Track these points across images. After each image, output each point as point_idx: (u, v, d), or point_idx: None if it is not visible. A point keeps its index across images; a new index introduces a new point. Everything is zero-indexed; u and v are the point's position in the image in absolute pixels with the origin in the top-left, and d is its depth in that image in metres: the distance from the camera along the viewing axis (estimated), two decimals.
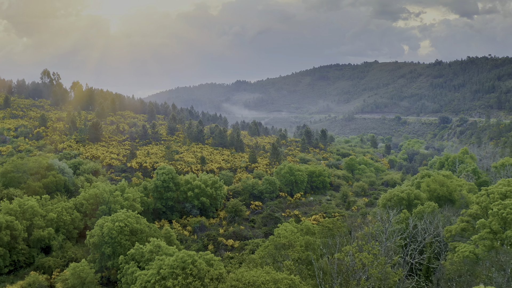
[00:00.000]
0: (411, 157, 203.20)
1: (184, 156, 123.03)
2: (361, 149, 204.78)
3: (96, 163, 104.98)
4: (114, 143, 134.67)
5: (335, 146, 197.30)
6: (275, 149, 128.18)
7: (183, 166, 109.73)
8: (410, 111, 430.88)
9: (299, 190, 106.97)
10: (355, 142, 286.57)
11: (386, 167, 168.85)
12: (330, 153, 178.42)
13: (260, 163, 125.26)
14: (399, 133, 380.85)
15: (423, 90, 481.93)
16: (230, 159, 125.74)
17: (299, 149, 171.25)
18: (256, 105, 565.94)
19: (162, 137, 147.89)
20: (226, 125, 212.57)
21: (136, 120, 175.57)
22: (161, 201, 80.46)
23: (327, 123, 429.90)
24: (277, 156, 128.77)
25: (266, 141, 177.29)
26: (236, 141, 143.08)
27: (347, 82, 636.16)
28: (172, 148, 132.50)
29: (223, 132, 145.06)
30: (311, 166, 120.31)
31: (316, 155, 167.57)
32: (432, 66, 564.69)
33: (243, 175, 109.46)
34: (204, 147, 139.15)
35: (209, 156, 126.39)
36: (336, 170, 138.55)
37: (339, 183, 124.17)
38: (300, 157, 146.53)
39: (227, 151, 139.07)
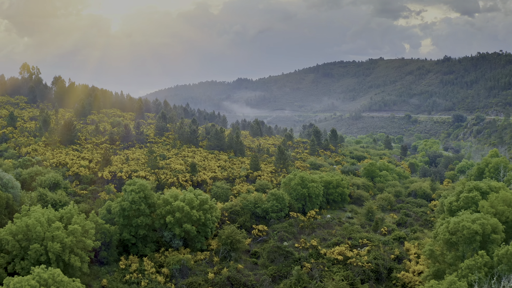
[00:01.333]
0: (433, 160, 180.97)
1: (171, 162, 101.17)
2: (376, 151, 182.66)
3: (57, 173, 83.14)
4: (89, 146, 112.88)
5: (346, 148, 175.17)
6: (281, 153, 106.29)
7: (167, 176, 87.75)
8: (420, 109, 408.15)
9: (313, 206, 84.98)
10: (365, 141, 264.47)
11: (408, 173, 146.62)
12: (343, 156, 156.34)
13: (264, 170, 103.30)
14: (409, 132, 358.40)
15: (433, 87, 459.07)
16: (228, 166, 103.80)
17: (307, 151, 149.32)
18: (258, 103, 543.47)
19: (149, 139, 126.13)
20: (225, 124, 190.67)
21: (122, 119, 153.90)
22: (129, 229, 58.65)
23: (333, 122, 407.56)
24: (284, 162, 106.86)
25: (270, 143, 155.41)
26: (235, 143, 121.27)
27: (352, 80, 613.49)
28: (157, 152, 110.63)
29: (220, 133, 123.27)
30: (326, 174, 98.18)
31: (328, 159, 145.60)
32: (441, 63, 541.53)
33: (243, 187, 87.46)
34: (198, 151, 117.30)
35: (202, 162, 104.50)
36: (354, 178, 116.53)
37: (360, 194, 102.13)
38: (310, 161, 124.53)
39: (224, 155, 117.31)
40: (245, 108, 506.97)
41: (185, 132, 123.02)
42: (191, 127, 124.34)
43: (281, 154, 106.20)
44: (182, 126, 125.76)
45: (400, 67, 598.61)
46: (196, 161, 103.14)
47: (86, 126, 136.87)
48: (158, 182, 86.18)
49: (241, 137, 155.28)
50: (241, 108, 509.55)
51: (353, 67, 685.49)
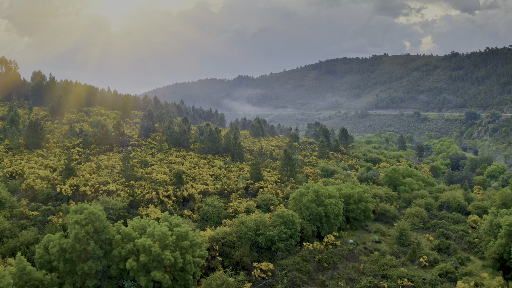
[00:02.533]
0: (455, 163, 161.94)
1: (154, 170, 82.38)
2: (391, 152, 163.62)
3: (2, 188, 64.42)
4: (57, 151, 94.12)
5: (358, 149, 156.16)
6: (288, 158, 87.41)
7: (144, 191, 68.94)
8: (429, 106, 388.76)
9: (331, 228, 66.18)
10: (375, 141, 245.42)
11: (432, 179, 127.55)
12: (356, 158, 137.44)
13: (267, 179, 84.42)
14: (419, 130, 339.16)
15: (441, 84, 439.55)
16: (223, 175, 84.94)
17: (316, 154, 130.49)
18: (259, 101, 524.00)
19: (132, 141, 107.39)
20: (222, 123, 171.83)
21: (104, 118, 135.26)
22: (73, 278, 40.01)
23: (338, 120, 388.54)
24: (291, 168, 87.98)
25: (273, 144, 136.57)
26: (233, 146, 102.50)
27: (356, 76, 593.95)
28: (138, 157, 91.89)
29: (215, 133, 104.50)
30: (345, 185, 79.22)
31: (340, 162, 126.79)
32: (448, 58, 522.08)
33: (241, 203, 68.61)
34: (188, 155, 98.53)
35: (191, 170, 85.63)
36: (374, 187, 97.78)
37: (384, 209, 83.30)
38: (322, 167, 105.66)
39: (220, 160, 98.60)
40: (245, 106, 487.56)
41: (174, 133, 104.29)
42: (181, 127, 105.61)
43: (288, 160, 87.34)
44: (171, 125, 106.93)
45: (406, 63, 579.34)
46: (184, 169, 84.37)
47: (61, 127, 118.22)
48: (132, 198, 67.52)
49: (240, 138, 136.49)
50: (242, 106, 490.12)
51: (356, 63, 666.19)
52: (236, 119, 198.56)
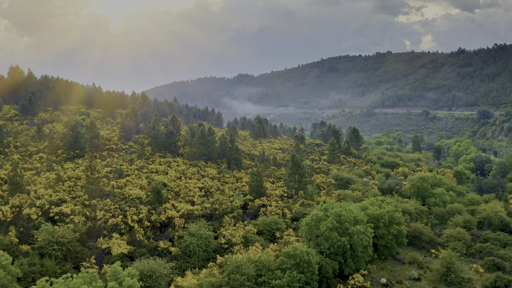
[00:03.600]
0: (479, 167, 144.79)
1: (129, 183, 65.46)
2: (407, 155, 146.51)
3: None
4: (15, 158, 77.21)
5: (371, 151, 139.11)
6: (296, 166, 70.41)
7: (108, 214, 51.92)
8: (438, 104, 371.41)
9: (358, 264, 49.18)
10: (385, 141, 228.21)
11: (462, 188, 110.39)
12: (371, 163, 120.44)
13: (271, 194, 67.38)
14: (429, 130, 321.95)
15: (449, 81, 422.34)
16: (215, 188, 67.92)
17: (325, 158, 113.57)
18: (259, 99, 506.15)
19: (109, 145, 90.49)
20: (220, 123, 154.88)
21: (84, 118, 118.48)
22: None
23: (342, 119, 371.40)
24: (300, 179, 70.96)
25: (277, 147, 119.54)
26: (230, 150, 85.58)
27: (359, 74, 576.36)
28: (114, 165, 75.01)
29: (208, 135, 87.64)
30: (369, 202, 62.12)
31: (353, 168, 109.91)
32: (455, 55, 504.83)
33: (236, 231, 51.43)
34: (175, 162, 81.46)
35: (175, 182, 68.60)
36: (400, 200, 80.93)
37: (417, 230, 66.37)
38: (335, 175, 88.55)
39: (213, 167, 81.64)
40: (246, 105, 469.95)
41: (159, 135, 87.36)
42: (167, 128, 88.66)
43: (296, 168, 70.34)
44: (157, 126, 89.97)
45: (411, 61, 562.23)
46: (167, 181, 67.46)
47: (30, 128, 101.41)
48: (91, 223, 50.65)
49: (239, 140, 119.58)
50: (242, 104, 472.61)
51: (359, 61, 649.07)
52: (235, 119, 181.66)
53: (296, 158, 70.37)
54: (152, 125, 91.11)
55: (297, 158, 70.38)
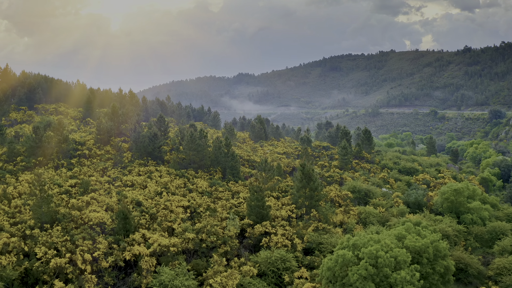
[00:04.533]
0: (505, 173, 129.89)
1: (96, 200, 50.90)
2: (425, 159, 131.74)
3: None
4: None
5: (385, 155, 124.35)
6: (307, 179, 55.74)
7: (51, 252, 37.21)
8: (446, 104, 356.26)
9: None
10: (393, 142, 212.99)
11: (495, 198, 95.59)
12: (387, 169, 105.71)
13: (276, 216, 52.63)
14: (438, 131, 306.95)
15: (457, 80, 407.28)
16: (205, 206, 53.23)
17: (336, 163, 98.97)
18: (260, 99, 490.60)
19: (83, 149, 75.88)
20: (216, 123, 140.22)
21: (60, 118, 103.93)
22: None
23: (347, 120, 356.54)
24: (312, 194, 56.25)
25: (280, 150, 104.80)
26: (225, 156, 70.98)
27: (363, 73, 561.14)
28: (81, 177, 60.45)
29: (199, 138, 73.20)
30: (403, 229, 47.42)
31: (368, 175, 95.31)
32: (462, 53, 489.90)
33: (230, 279, 36.56)
34: (157, 171, 66.80)
35: (153, 200, 53.96)
36: (432, 218, 66.48)
37: (463, 261, 52.04)
38: (352, 187, 73.88)
39: (204, 178, 66.97)
40: (246, 104, 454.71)
41: (140, 138, 72.81)
42: (150, 131, 74.06)
43: (307, 180, 55.72)
44: (138, 128, 75.42)
45: (415, 59, 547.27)
46: (144, 198, 52.83)
47: None
48: (28, 264, 36.08)
49: (237, 142, 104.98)
50: (241, 104, 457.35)
51: (362, 60, 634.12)
52: (233, 119, 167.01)
53: (307, 168, 55.73)
54: (133, 126, 76.55)
55: (308, 168, 55.73)
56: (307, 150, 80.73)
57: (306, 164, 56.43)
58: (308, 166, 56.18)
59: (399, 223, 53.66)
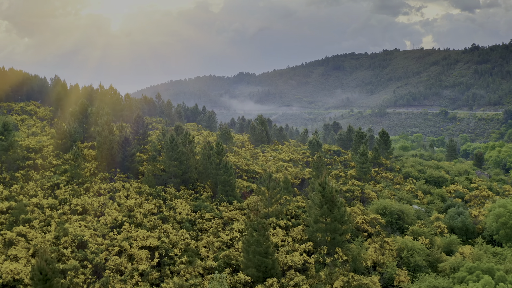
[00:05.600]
0: None
1: (26, 235, 34.27)
2: (451, 164, 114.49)
3: None
4: None
5: (406, 162, 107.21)
6: (330, 204, 38.96)
7: None
8: (457, 103, 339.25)
9: None
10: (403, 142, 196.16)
11: None
12: (412, 179, 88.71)
13: (286, 264, 35.77)
14: (449, 132, 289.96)
15: (467, 78, 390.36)
16: (180, 247, 36.52)
17: (352, 172, 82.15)
18: (261, 98, 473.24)
19: (36, 158, 59.24)
20: (212, 124, 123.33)
21: (24, 118, 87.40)
22: None
23: (352, 120, 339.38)
24: (335, 225, 39.48)
25: (285, 157, 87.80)
26: (215, 169, 54.20)
27: (367, 72, 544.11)
28: (20, 197, 43.78)
29: (186, 144, 56.66)
30: (486, 267, 30.83)
31: (392, 187, 78.45)
32: (469, 52, 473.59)
33: None
34: (124, 190, 50.16)
35: (105, 238, 37.38)
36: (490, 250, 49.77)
37: None
38: (382, 207, 57.07)
39: (185, 200, 50.17)
40: (246, 104, 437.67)
41: (107, 144, 56.25)
42: (121, 136, 57.51)
43: (330, 207, 39.00)
44: (102, 132, 58.79)
45: (421, 58, 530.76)
46: (93, 234, 36.08)
47: None
48: None
49: (235, 147, 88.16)
50: (241, 104, 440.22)
51: (366, 59, 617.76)
52: (232, 119, 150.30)
53: (328, 190, 38.98)
54: (101, 128, 59.95)
55: (330, 190, 38.99)
56: (322, 159, 63.84)
57: (327, 183, 39.66)
58: (330, 186, 39.44)
59: (463, 270, 37.01)
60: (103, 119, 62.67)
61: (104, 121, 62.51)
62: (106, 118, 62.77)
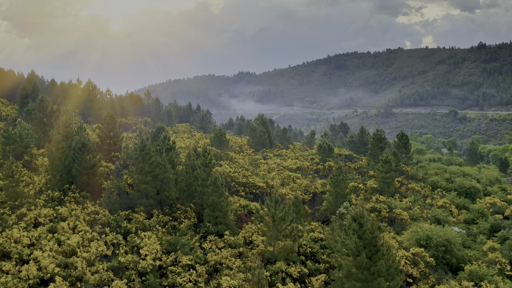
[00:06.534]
0: None
1: None
2: (479, 172, 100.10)
3: None
4: None
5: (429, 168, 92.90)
6: (371, 248, 24.90)
7: None
8: (466, 103, 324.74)
9: None
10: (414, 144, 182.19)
11: None
12: (440, 190, 74.50)
13: None
14: (459, 133, 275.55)
15: (475, 77, 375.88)
16: None
17: (372, 183, 68.05)
18: (261, 98, 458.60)
19: None
20: (206, 125, 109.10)
21: None
22: None
23: (357, 120, 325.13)
24: (377, 280, 25.49)
25: (291, 164, 73.50)
26: (201, 186, 40.26)
27: (370, 71, 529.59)
28: None
29: (167, 151, 42.84)
30: None
31: (425, 204, 64.43)
32: (476, 50, 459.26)
33: None
34: (71, 218, 36.35)
35: None
36: None
37: None
38: (423, 237, 43.15)
39: (156, 235, 36.16)
40: (246, 104, 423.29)
41: (59, 151, 42.39)
42: (81, 139, 43.64)
43: (369, 253, 25.00)
44: (62, 133, 44.87)
45: (426, 56, 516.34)
46: None
47: None
48: None
49: (231, 153, 74.04)
50: (241, 103, 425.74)
51: (369, 58, 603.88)
52: (230, 119, 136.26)
53: (367, 228, 25.07)
54: (56, 130, 46.03)
55: (370, 229, 25.06)
56: (342, 170, 49.58)
57: (365, 217, 25.66)
58: (370, 221, 25.43)
59: None
60: (59, 119, 48.66)
61: (61, 122, 48.49)
62: (64, 118, 48.70)
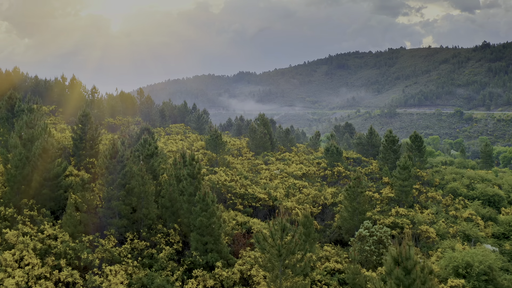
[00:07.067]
0: None
1: None
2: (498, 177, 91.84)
3: None
4: None
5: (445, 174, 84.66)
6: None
7: None
8: (472, 103, 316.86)
9: None
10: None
11: None
12: (463, 198, 66.52)
13: None
14: (466, 134, 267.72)
15: (481, 77, 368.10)
16: None
17: (388, 191, 60.03)
18: (262, 98, 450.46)
19: None
20: (202, 125, 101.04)
21: None
22: None
23: (360, 121, 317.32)
24: None
25: (296, 170, 65.50)
26: (188, 202, 32.33)
27: (372, 71, 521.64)
28: None
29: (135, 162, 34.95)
30: None
31: (447, 216, 56.45)
32: (480, 49, 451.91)
33: None
34: (19, 246, 28.54)
35: None
36: None
37: None
38: (463, 264, 35.21)
39: (124, 270, 28.38)
40: (246, 104, 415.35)
41: (16, 157, 34.60)
42: (41, 143, 35.72)
43: None
44: (22, 137, 37.08)
45: (429, 56, 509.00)
46: None
47: None
48: None
49: (229, 157, 65.98)
50: (241, 103, 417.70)
51: (370, 57, 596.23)
52: (228, 119, 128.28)
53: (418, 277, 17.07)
54: (17, 133, 38.19)
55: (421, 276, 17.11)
56: (361, 181, 41.50)
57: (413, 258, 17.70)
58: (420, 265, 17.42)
59: None
60: (20, 121, 40.66)
61: (24, 122, 40.49)
62: (25, 118, 40.68)
